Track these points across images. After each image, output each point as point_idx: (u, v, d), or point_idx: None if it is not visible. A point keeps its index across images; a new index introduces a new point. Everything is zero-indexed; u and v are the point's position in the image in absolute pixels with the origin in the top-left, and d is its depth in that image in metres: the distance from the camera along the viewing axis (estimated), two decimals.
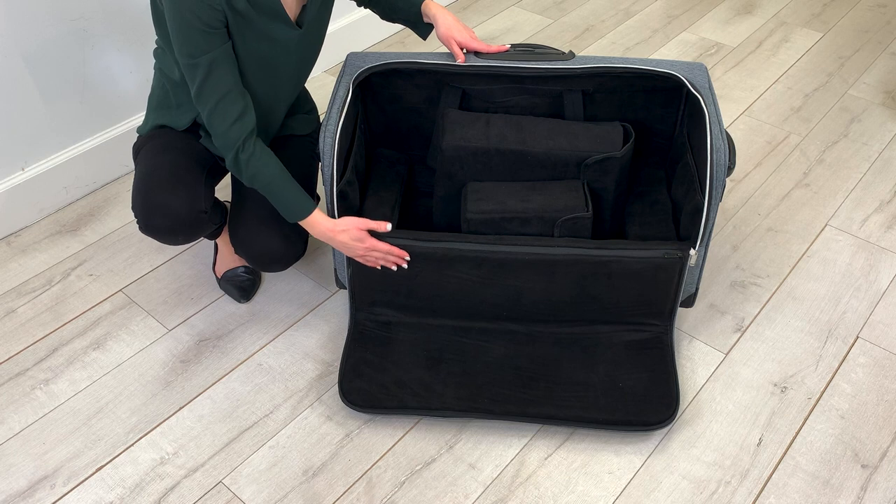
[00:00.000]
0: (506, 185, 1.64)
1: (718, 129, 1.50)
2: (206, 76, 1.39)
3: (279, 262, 1.61)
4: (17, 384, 1.67)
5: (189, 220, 1.55)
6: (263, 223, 1.58)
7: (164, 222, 1.54)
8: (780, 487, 1.48)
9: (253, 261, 1.61)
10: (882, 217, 2.04)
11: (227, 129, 1.42)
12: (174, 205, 1.53)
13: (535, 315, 1.66)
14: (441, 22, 1.62)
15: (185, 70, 1.40)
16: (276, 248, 1.58)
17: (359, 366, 1.62)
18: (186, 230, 1.56)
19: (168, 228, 1.55)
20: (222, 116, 1.42)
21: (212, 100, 1.41)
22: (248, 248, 1.59)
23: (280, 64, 1.53)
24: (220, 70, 1.40)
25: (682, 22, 2.86)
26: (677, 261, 1.55)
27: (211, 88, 1.40)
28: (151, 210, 1.53)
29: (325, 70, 2.62)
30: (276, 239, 1.58)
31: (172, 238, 1.58)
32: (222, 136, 1.43)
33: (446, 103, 1.75)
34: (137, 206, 1.55)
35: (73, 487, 1.50)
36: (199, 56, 1.37)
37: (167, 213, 1.53)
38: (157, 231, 1.55)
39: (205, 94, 1.40)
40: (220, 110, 1.41)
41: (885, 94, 2.47)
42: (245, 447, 1.55)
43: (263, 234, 1.57)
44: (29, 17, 1.82)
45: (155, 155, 1.58)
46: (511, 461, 1.52)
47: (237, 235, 1.60)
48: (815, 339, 1.74)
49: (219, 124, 1.42)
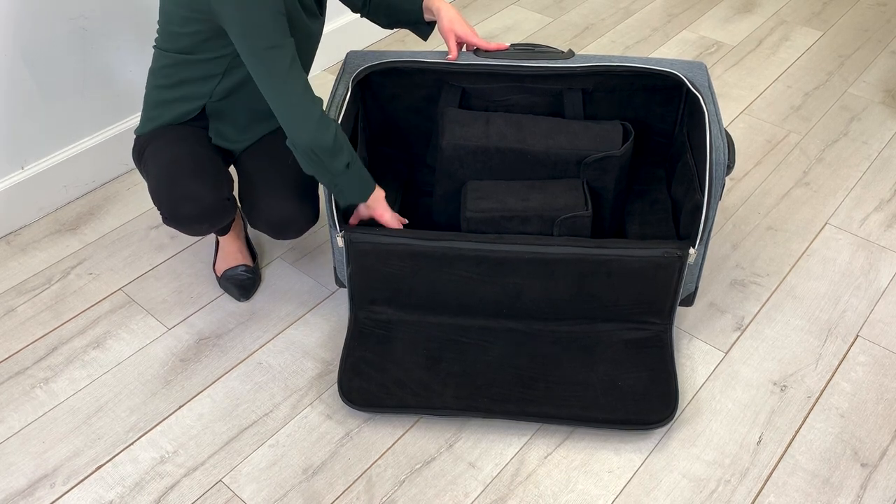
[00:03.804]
0: (505, 183, 1.64)
1: (718, 128, 1.50)
2: (293, 59, 1.40)
3: (297, 228, 1.63)
4: (16, 383, 1.67)
5: (215, 207, 1.56)
6: (278, 192, 1.60)
7: (192, 210, 1.54)
8: (779, 486, 1.48)
9: (272, 229, 1.63)
10: (882, 216, 2.04)
11: (321, 110, 1.44)
12: (201, 193, 1.54)
13: (534, 313, 1.66)
14: (444, 15, 1.63)
15: (262, 59, 1.39)
16: (294, 213, 1.61)
17: (358, 365, 1.62)
18: (212, 217, 1.58)
19: (196, 217, 1.55)
20: (313, 98, 1.43)
21: (300, 83, 1.42)
22: (268, 216, 1.61)
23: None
24: (295, 54, 1.43)
25: (681, 20, 2.86)
26: (677, 259, 1.55)
27: (298, 71, 1.41)
28: (178, 199, 1.54)
29: (325, 69, 2.62)
30: (293, 204, 1.60)
31: (197, 227, 1.58)
32: (319, 118, 1.43)
33: (446, 102, 1.75)
34: (163, 196, 1.55)
35: (73, 486, 1.50)
36: (283, 39, 1.39)
37: (195, 201, 1.54)
38: (184, 220, 1.56)
39: (292, 77, 1.41)
40: (310, 92, 1.43)
41: (885, 92, 2.47)
42: (245, 446, 1.55)
43: (280, 202, 1.60)
44: (29, 17, 1.82)
45: (170, 147, 1.59)
46: (511, 460, 1.52)
47: (256, 207, 1.62)
48: (815, 337, 1.74)
49: (313, 107, 1.43)
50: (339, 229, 1.58)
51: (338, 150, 1.45)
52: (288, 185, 1.61)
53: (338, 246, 1.61)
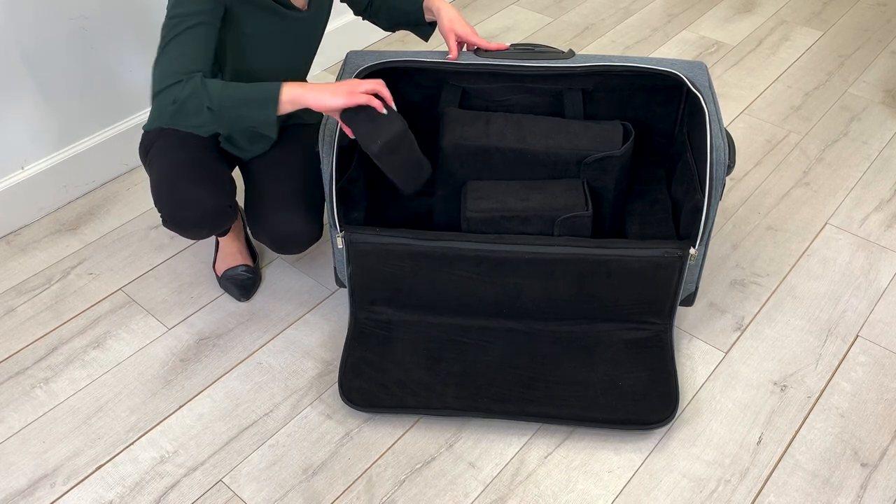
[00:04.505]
0: (505, 183, 1.64)
1: (718, 128, 1.50)
2: (186, 34, 1.34)
3: (299, 244, 1.62)
4: (16, 383, 1.67)
5: (216, 213, 1.56)
6: (284, 206, 1.59)
7: (192, 215, 1.54)
8: (779, 486, 1.48)
9: (274, 242, 1.62)
10: (882, 216, 2.04)
11: (176, 69, 1.32)
12: (202, 198, 1.53)
13: (534, 313, 1.66)
14: (444, 14, 1.63)
15: (164, 26, 1.35)
16: (298, 228, 1.59)
17: (359, 365, 1.62)
18: (211, 223, 1.57)
19: (195, 221, 1.55)
20: (173, 74, 1.32)
21: (168, 58, 1.33)
22: (272, 230, 1.60)
23: (291, 47, 1.56)
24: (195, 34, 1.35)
25: (681, 20, 2.86)
26: (677, 259, 1.55)
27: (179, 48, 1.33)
28: (178, 203, 1.53)
29: (325, 69, 2.62)
30: (299, 219, 1.59)
31: (196, 231, 1.58)
32: (166, 89, 1.31)
33: (446, 102, 1.75)
34: (164, 199, 1.55)
35: (73, 486, 1.50)
36: (189, 10, 1.33)
37: (196, 206, 1.53)
38: (183, 224, 1.56)
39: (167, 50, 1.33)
40: (173, 68, 1.32)
41: (885, 92, 2.47)
42: (245, 446, 1.55)
43: (285, 216, 1.59)
44: (29, 16, 1.82)
45: (175, 149, 1.59)
46: (511, 460, 1.52)
47: (260, 219, 1.61)
48: (815, 337, 1.74)
49: (164, 79, 1.32)
50: (339, 230, 1.58)
51: (194, 97, 1.31)
52: (294, 199, 1.60)
53: (338, 246, 1.61)
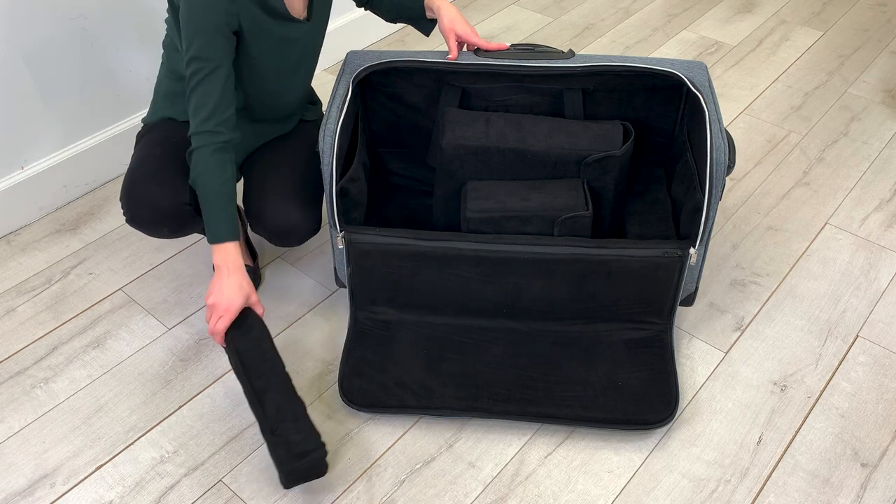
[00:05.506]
0: (505, 183, 1.64)
1: (718, 128, 1.50)
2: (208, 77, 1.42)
3: (298, 236, 1.62)
4: (16, 383, 1.67)
5: (172, 213, 1.55)
6: (282, 198, 1.59)
7: (148, 214, 1.55)
8: (779, 486, 1.48)
9: (273, 235, 1.62)
10: (882, 216, 2.04)
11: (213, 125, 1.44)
12: (157, 197, 1.53)
13: (534, 313, 1.66)
14: (444, 14, 1.63)
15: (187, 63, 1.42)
16: (297, 220, 1.59)
17: (359, 365, 1.62)
18: (171, 222, 1.57)
19: (152, 220, 1.56)
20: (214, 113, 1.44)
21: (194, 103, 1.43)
22: (271, 222, 1.60)
23: (296, 60, 1.58)
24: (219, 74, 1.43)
25: (681, 20, 2.86)
26: (677, 259, 1.55)
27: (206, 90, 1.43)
28: (135, 202, 1.54)
29: (325, 69, 2.62)
30: (297, 211, 1.59)
31: (158, 230, 1.58)
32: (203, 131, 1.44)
33: (446, 102, 1.75)
34: (123, 197, 1.56)
35: (73, 486, 1.50)
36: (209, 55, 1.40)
37: (151, 205, 1.54)
38: (142, 223, 1.56)
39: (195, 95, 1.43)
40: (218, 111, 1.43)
41: (885, 92, 2.47)
42: (245, 446, 1.55)
43: (283, 208, 1.59)
44: (29, 16, 1.82)
45: (148, 146, 1.60)
46: (511, 460, 1.52)
47: (259, 212, 1.61)
48: (815, 337, 1.74)
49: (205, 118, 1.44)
50: (339, 230, 1.58)
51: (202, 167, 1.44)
52: (292, 192, 1.60)
53: (338, 246, 1.61)
